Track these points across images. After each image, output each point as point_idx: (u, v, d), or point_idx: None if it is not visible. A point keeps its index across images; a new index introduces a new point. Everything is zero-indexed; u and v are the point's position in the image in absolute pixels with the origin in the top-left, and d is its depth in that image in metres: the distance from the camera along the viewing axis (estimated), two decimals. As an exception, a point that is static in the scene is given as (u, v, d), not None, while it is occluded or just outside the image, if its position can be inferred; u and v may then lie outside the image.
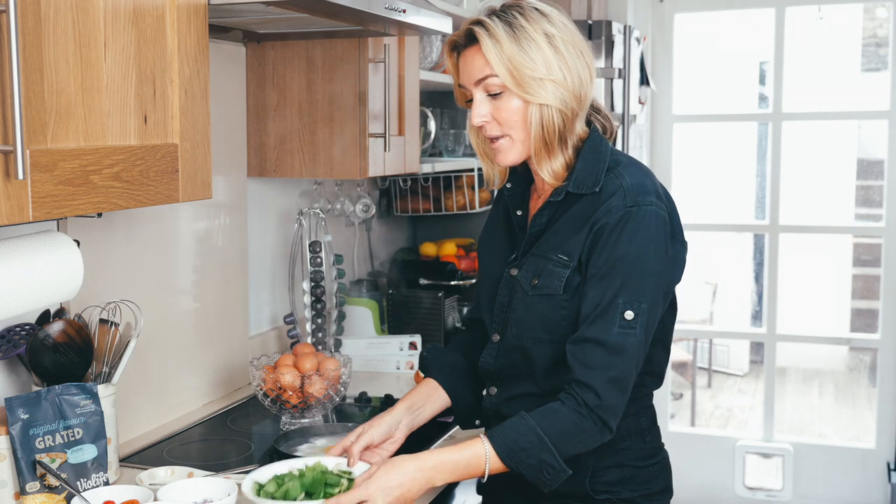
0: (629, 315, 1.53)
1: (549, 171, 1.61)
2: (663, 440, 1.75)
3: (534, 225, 1.66)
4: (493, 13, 1.60)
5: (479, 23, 1.59)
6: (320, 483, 1.55)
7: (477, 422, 1.84)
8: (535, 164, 1.62)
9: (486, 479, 1.56)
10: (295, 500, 1.52)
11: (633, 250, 1.54)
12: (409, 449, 1.91)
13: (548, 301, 1.60)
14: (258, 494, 1.53)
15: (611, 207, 1.56)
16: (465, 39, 1.61)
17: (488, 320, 1.75)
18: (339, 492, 1.54)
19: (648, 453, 1.68)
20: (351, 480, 1.58)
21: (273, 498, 1.52)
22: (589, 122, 1.68)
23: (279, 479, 1.58)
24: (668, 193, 1.65)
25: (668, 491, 1.74)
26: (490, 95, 1.60)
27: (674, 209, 1.64)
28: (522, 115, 1.59)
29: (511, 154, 1.62)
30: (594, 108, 1.69)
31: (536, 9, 1.59)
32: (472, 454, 1.53)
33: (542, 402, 1.60)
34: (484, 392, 1.78)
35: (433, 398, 1.81)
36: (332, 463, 1.63)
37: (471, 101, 1.63)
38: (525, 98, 1.57)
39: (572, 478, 1.62)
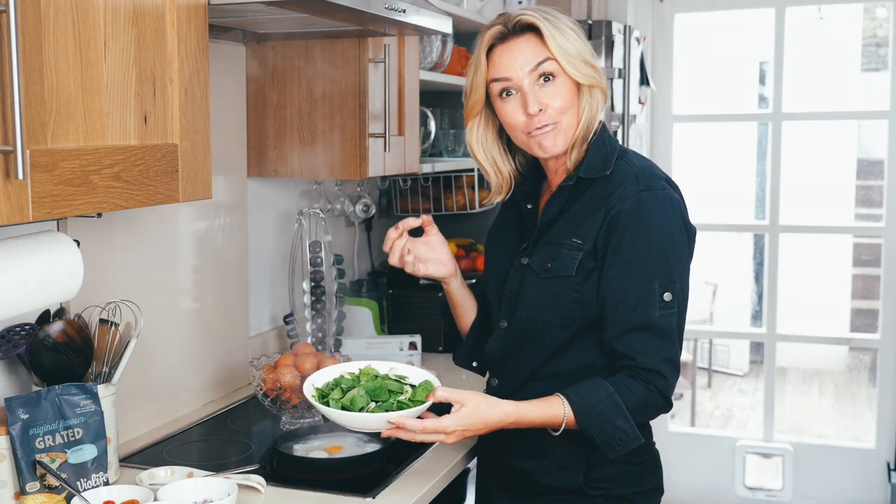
0: (668, 297, 1.58)
1: (574, 159, 1.68)
2: (662, 440, 1.77)
3: (546, 213, 1.69)
4: (521, 9, 1.66)
5: (523, 14, 1.64)
6: (383, 389, 1.55)
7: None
8: (569, 152, 1.67)
9: (558, 433, 1.61)
10: (362, 409, 1.51)
11: (656, 234, 1.58)
12: (406, 447, 1.91)
13: (560, 283, 1.63)
14: (325, 403, 1.53)
15: (624, 193, 1.61)
16: (513, 29, 1.65)
17: (496, 308, 1.78)
18: (407, 398, 1.56)
19: (641, 450, 1.70)
20: (412, 386, 1.57)
21: (343, 406, 1.52)
22: None
23: (343, 386, 1.57)
24: (674, 182, 1.70)
25: (658, 488, 1.76)
26: (543, 82, 1.63)
27: (681, 195, 1.69)
28: (575, 99, 1.65)
29: (560, 141, 1.66)
30: None
31: (554, 15, 1.67)
32: (551, 413, 1.59)
33: (552, 385, 1.63)
34: (486, 384, 1.82)
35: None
36: (386, 367, 1.64)
37: (508, 93, 1.65)
38: (579, 80, 1.63)
39: (566, 473, 1.64)
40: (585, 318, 1.62)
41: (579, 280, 1.62)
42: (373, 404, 1.54)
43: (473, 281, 2.95)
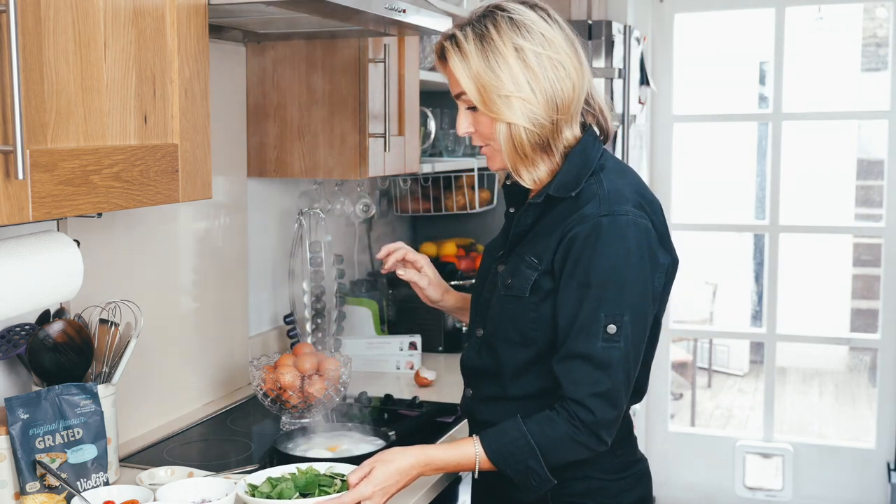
0: (612, 329, 1.51)
1: (532, 179, 1.61)
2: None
3: (517, 225, 1.65)
4: (469, 23, 1.59)
5: (451, 37, 1.58)
6: (314, 484, 1.56)
7: None
8: (514, 174, 1.62)
9: (476, 476, 1.61)
10: (290, 499, 1.52)
11: (610, 262, 1.51)
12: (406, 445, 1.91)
13: (517, 302, 1.60)
14: (252, 495, 1.53)
15: (583, 216, 1.54)
16: (440, 54, 1.61)
17: (472, 314, 1.76)
18: (334, 491, 1.54)
19: (619, 466, 1.66)
20: (344, 481, 1.58)
21: (269, 498, 1.53)
22: (587, 126, 1.65)
23: (273, 481, 1.58)
24: (654, 201, 1.63)
25: (644, 501, 1.71)
26: (468, 108, 1.61)
27: (660, 218, 1.62)
28: (494, 130, 1.59)
29: (496, 161, 1.64)
30: (596, 109, 1.67)
31: (511, 18, 1.55)
32: (463, 455, 1.57)
33: (512, 406, 1.61)
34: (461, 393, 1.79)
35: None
36: (324, 467, 1.64)
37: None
38: (490, 116, 1.57)
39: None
40: (545, 338, 1.58)
41: (535, 301, 1.57)
42: (298, 496, 1.55)
43: (473, 281, 2.96)
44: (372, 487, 1.51)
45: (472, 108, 1.60)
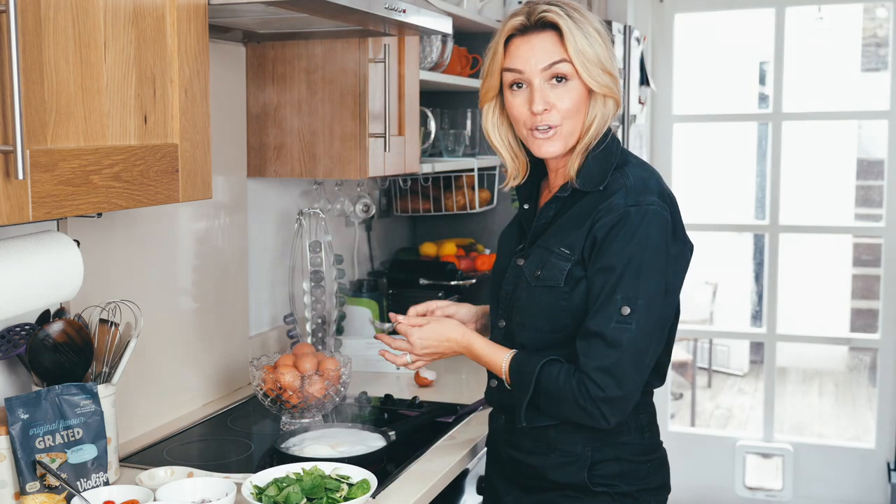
0: (625, 310, 1.57)
1: (576, 166, 1.66)
2: (662, 439, 1.77)
3: (540, 217, 1.71)
4: (548, 3, 1.63)
5: (548, 10, 1.61)
6: (320, 487, 1.56)
7: None
8: (571, 158, 1.66)
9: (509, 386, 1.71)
10: None
11: (632, 248, 1.57)
12: (405, 447, 1.91)
13: (549, 292, 1.64)
14: (259, 499, 1.53)
15: (612, 205, 1.60)
16: (534, 24, 1.63)
17: (493, 307, 1.80)
18: (340, 496, 1.55)
19: (647, 449, 1.71)
20: (350, 485, 1.58)
21: (275, 503, 1.52)
22: None
23: (279, 483, 1.58)
24: (672, 195, 1.69)
25: (665, 488, 1.77)
26: (555, 82, 1.62)
27: (676, 210, 1.67)
28: (584, 105, 1.64)
29: (557, 145, 1.66)
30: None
31: (578, 8, 1.64)
32: (494, 359, 1.71)
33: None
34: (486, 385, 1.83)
35: None
36: (330, 467, 1.64)
37: (518, 85, 1.65)
38: (593, 87, 1.62)
39: (571, 469, 1.65)
40: (576, 325, 1.64)
41: (567, 289, 1.63)
42: (306, 501, 1.54)
43: (473, 281, 2.97)
44: (418, 338, 1.76)
45: (558, 83, 1.62)
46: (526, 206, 1.79)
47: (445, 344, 1.77)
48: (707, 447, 4.24)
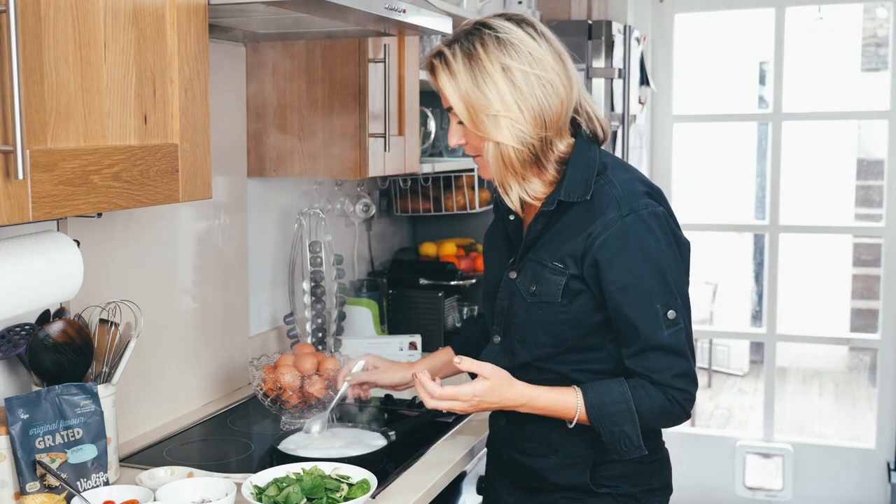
0: (671, 314, 1.59)
1: (526, 194, 1.64)
2: (663, 439, 1.78)
3: (529, 232, 1.68)
4: (457, 39, 1.61)
5: (440, 54, 1.61)
6: (321, 487, 1.56)
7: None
8: (500, 190, 1.65)
9: (572, 425, 1.64)
10: None
11: (647, 257, 1.58)
12: (405, 447, 1.91)
13: (547, 308, 1.64)
14: (259, 499, 1.53)
15: (607, 222, 1.59)
16: (430, 69, 1.63)
17: (489, 322, 1.78)
18: (340, 496, 1.55)
19: (650, 450, 1.70)
20: (350, 485, 1.58)
21: (275, 503, 1.52)
22: (578, 127, 1.67)
23: (279, 483, 1.58)
24: (658, 188, 1.68)
25: (667, 488, 1.77)
26: (459, 122, 1.64)
27: (665, 203, 1.67)
28: (483, 147, 1.62)
29: (488, 171, 1.65)
30: (584, 116, 1.68)
31: (498, 38, 1.57)
32: (564, 403, 1.62)
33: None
34: None
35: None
36: (330, 467, 1.64)
37: None
38: (478, 135, 1.60)
39: (574, 470, 1.66)
40: (577, 336, 1.64)
41: (566, 303, 1.62)
42: (306, 501, 1.55)
43: (473, 281, 2.97)
44: (472, 395, 1.62)
45: (461, 123, 1.63)
46: (511, 217, 1.76)
47: (501, 403, 1.65)
48: (707, 447, 4.24)
